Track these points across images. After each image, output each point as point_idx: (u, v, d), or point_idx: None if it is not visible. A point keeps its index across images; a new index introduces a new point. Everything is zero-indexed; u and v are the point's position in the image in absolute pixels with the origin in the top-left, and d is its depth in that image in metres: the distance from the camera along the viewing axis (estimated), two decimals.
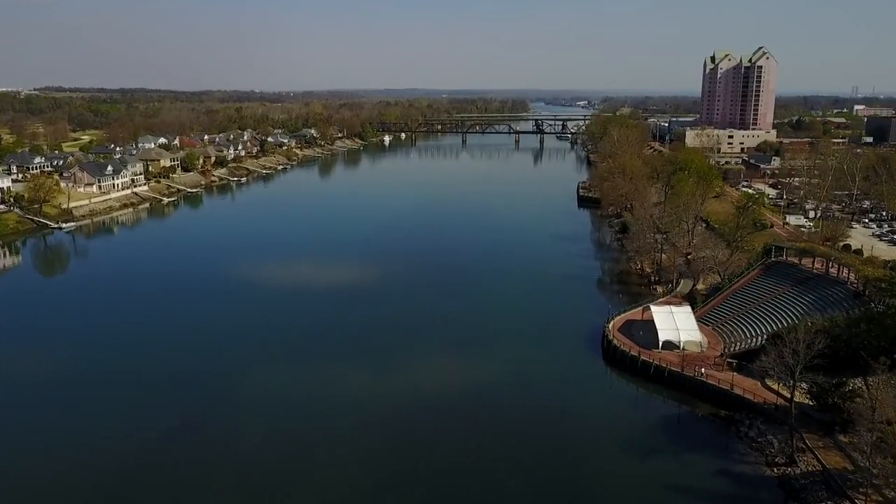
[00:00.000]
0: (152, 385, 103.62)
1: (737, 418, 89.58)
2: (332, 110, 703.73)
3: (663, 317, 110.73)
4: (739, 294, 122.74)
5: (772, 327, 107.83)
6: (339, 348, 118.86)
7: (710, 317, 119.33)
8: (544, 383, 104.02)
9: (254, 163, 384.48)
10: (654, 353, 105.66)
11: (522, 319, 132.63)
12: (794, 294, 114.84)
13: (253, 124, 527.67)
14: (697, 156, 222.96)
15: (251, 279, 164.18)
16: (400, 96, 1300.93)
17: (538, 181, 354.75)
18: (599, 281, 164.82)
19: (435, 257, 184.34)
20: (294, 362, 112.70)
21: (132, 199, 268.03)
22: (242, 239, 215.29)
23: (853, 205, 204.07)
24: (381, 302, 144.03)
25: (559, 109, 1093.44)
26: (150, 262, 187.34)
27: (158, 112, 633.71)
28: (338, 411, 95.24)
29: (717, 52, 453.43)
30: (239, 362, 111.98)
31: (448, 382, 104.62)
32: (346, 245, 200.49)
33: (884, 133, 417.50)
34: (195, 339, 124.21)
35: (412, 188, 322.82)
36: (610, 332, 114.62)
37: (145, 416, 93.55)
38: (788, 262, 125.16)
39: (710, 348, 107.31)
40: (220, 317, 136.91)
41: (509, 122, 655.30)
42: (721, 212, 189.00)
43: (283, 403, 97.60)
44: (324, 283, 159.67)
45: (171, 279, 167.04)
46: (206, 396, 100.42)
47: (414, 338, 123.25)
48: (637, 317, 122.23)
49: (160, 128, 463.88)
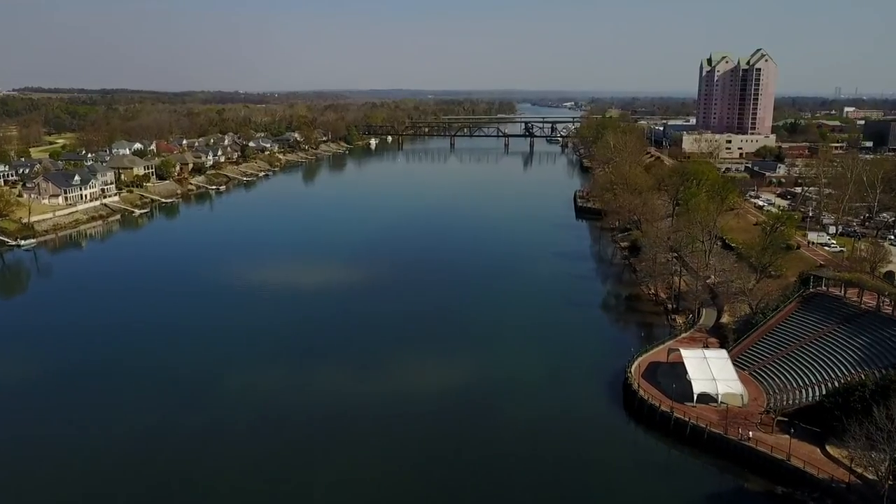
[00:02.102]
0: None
1: (798, 497, 75.04)
2: (316, 112, 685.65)
3: (696, 364, 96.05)
4: (776, 332, 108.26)
5: (822, 375, 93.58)
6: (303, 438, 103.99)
7: (745, 359, 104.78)
8: (556, 443, 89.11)
9: (234, 169, 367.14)
10: (689, 407, 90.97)
11: (525, 358, 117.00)
12: (842, 335, 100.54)
13: (235, 127, 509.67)
14: (707, 166, 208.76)
15: (226, 298, 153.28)
16: (385, 97, 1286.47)
17: (531, 188, 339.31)
18: (609, 308, 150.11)
19: (425, 276, 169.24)
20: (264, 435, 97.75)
21: (101, 211, 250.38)
22: (219, 254, 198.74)
23: (874, 219, 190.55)
24: (364, 340, 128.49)
25: (546, 111, 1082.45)
26: (117, 280, 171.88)
27: (138, 114, 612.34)
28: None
29: (713, 55, 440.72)
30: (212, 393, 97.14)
31: (437, 441, 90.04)
32: (328, 265, 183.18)
33: (883, 137, 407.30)
34: (162, 365, 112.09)
35: (400, 197, 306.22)
36: (633, 378, 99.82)
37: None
38: (830, 294, 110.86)
39: (751, 401, 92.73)
40: (190, 343, 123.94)
41: (497, 124, 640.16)
42: (737, 228, 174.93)
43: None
44: (300, 314, 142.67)
45: (140, 299, 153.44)
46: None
47: (399, 382, 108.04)
48: (661, 357, 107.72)
49: (138, 131, 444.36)
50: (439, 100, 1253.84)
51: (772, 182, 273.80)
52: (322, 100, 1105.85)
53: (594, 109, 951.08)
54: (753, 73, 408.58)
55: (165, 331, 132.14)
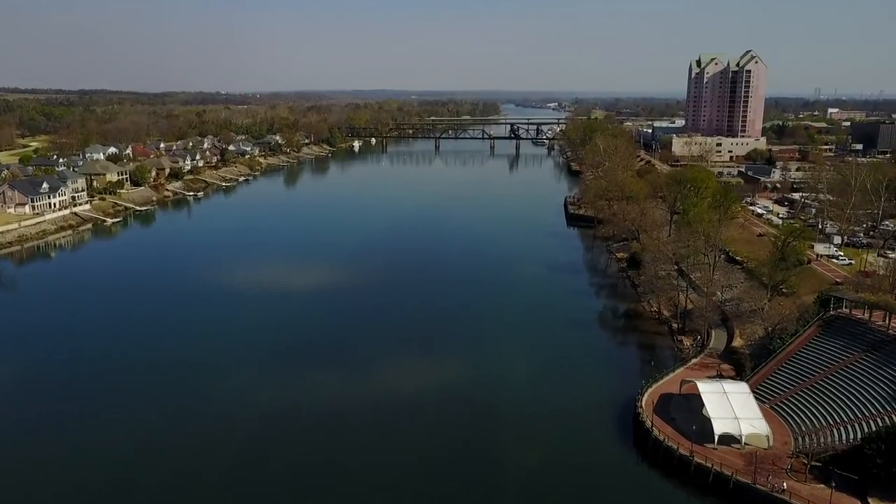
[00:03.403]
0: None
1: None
2: (298, 114, 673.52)
3: (715, 399, 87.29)
4: (797, 359, 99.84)
5: (854, 412, 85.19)
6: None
7: (765, 391, 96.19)
8: (560, 490, 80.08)
9: (213, 174, 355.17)
10: (709, 450, 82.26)
11: (521, 387, 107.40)
12: (870, 364, 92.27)
13: (215, 130, 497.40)
14: (706, 173, 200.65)
15: (203, 310, 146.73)
16: (369, 97, 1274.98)
17: (520, 193, 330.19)
18: (609, 328, 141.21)
19: (410, 296, 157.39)
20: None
21: (71, 220, 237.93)
22: (195, 264, 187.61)
23: (879, 227, 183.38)
24: (349, 367, 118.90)
25: (530, 111, 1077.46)
26: (84, 296, 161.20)
27: (115, 116, 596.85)
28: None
29: (702, 56, 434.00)
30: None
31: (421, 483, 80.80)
32: (305, 280, 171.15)
33: (872, 139, 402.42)
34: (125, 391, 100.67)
35: (384, 204, 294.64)
36: (645, 414, 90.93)
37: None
38: (854, 317, 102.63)
39: (777, 442, 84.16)
40: (159, 368, 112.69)
41: (482, 125, 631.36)
42: (739, 239, 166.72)
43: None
44: (278, 327, 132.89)
45: (108, 318, 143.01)
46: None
47: (384, 414, 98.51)
48: (673, 388, 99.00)
49: (114, 134, 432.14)
50: (423, 100, 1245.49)
51: (766, 187, 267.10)
52: (305, 100, 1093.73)
53: (579, 110, 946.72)
54: (743, 74, 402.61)
55: (135, 345, 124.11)
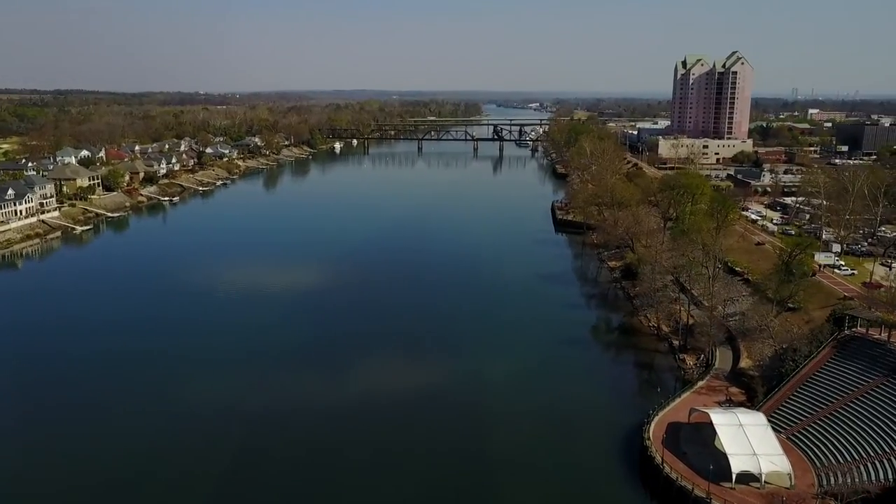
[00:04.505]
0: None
1: None
2: (278, 115, 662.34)
3: (731, 433, 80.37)
4: (812, 384, 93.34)
5: (881, 446, 78.61)
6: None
7: (780, 419, 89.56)
8: None
9: (190, 178, 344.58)
10: (727, 490, 75.37)
11: (514, 416, 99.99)
12: (893, 391, 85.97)
13: (192, 131, 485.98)
14: (700, 179, 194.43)
15: (177, 323, 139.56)
16: (349, 97, 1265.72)
17: (505, 196, 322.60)
18: (606, 345, 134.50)
19: (389, 312, 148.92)
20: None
21: (38, 228, 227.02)
22: (169, 274, 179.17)
23: (877, 235, 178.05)
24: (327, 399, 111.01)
25: (512, 112, 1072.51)
26: (50, 312, 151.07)
27: (90, 117, 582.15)
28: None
29: (688, 57, 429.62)
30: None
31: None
32: (277, 296, 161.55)
33: (857, 141, 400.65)
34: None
35: (366, 209, 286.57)
36: (654, 448, 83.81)
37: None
38: (871, 338, 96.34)
39: (798, 480, 77.40)
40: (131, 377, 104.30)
41: (465, 126, 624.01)
42: (737, 248, 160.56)
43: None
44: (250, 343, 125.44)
45: (74, 335, 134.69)
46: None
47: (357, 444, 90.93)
48: (681, 416, 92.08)
49: (88, 136, 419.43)
50: (404, 101, 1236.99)
51: (757, 191, 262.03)
52: (285, 101, 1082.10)
53: (561, 111, 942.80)
54: (729, 76, 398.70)
55: (102, 361, 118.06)
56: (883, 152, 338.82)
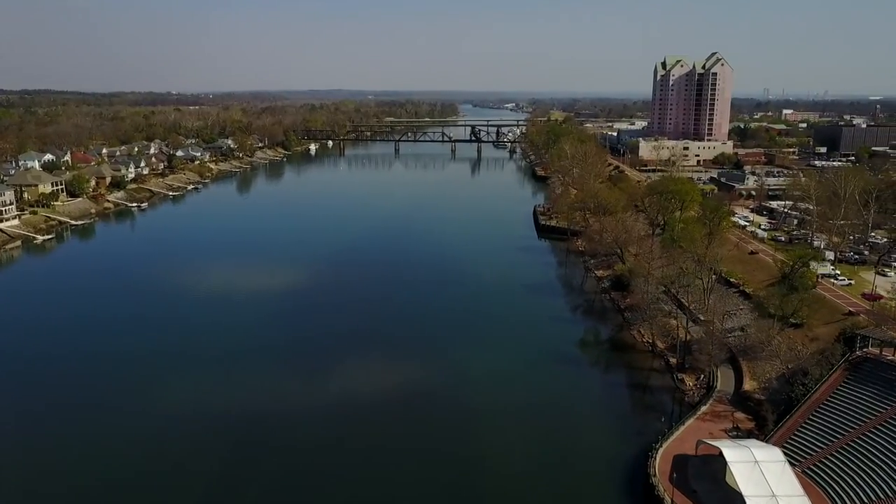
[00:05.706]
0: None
1: None
2: (252, 116, 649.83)
3: (745, 471, 73.92)
4: (824, 411, 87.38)
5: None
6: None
7: (793, 450, 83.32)
8: None
9: (159, 182, 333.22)
10: None
11: (504, 447, 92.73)
12: None
13: (163, 133, 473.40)
14: (689, 185, 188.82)
15: (140, 336, 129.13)
16: (325, 97, 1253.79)
17: (485, 199, 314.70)
18: (598, 364, 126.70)
19: (367, 325, 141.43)
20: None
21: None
22: (135, 284, 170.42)
23: (868, 241, 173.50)
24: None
25: (488, 112, 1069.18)
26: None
27: (57, 118, 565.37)
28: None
29: (668, 58, 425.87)
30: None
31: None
32: (244, 311, 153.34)
33: (834, 142, 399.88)
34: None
35: (342, 214, 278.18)
36: (662, 488, 77.13)
37: None
38: (884, 359, 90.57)
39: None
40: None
41: (442, 127, 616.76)
42: (729, 257, 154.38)
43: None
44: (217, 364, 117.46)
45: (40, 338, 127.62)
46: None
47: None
48: (687, 447, 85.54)
49: (54, 139, 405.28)
50: (380, 101, 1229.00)
51: (741, 195, 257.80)
52: (259, 101, 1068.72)
53: (537, 112, 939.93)
54: (709, 77, 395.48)
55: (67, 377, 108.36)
56: (861, 153, 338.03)
